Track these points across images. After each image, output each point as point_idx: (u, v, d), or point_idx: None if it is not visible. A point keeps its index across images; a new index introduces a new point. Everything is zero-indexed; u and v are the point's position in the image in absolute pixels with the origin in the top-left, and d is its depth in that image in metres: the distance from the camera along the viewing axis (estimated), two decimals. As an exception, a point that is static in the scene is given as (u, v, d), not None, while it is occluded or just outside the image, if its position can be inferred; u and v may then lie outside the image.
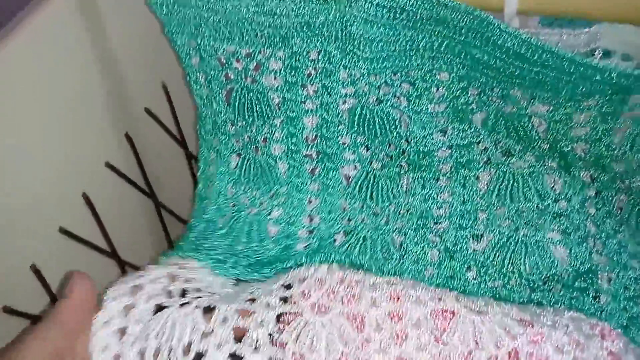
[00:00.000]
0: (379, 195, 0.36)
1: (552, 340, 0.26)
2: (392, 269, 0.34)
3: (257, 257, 0.35)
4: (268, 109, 0.35)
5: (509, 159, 0.34)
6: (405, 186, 0.36)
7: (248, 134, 0.37)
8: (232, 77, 0.35)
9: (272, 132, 0.36)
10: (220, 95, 0.36)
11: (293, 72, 0.34)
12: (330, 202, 0.36)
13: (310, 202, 0.37)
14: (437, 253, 0.34)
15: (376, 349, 0.28)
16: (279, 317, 0.29)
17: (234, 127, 0.37)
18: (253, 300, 0.30)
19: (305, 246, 0.36)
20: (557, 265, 0.33)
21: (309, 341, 0.28)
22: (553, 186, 0.34)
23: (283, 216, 0.37)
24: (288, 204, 0.37)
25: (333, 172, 0.36)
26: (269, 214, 0.37)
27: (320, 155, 0.36)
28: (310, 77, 0.34)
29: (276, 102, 0.35)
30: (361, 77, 0.33)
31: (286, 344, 0.28)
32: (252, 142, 0.37)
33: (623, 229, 0.33)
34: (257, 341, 0.28)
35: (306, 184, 0.37)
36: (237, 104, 0.36)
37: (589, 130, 0.32)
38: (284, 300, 0.30)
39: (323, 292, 0.30)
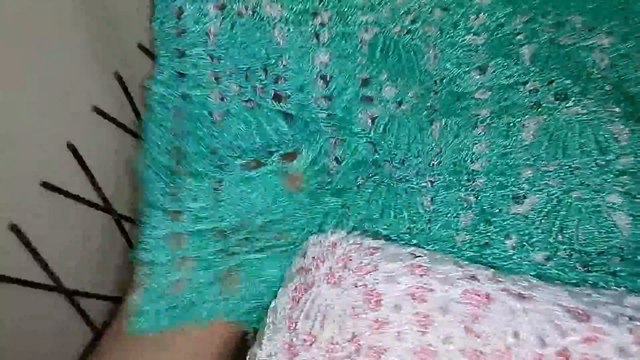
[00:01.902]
0: (406, 143, 0.33)
1: (612, 338, 0.21)
2: (418, 234, 0.31)
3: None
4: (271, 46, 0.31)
5: (564, 102, 0.30)
6: (436, 134, 0.32)
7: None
8: None
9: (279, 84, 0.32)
10: None
11: None
12: (354, 147, 0.33)
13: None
14: (471, 216, 0.31)
15: (393, 335, 0.24)
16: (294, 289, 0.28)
17: None
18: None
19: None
20: (617, 235, 0.29)
21: (320, 317, 0.26)
22: (617, 137, 0.30)
23: None
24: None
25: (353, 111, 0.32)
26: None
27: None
28: (323, 3, 0.30)
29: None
30: (383, 2, 0.29)
31: (297, 324, 0.26)
32: None
33: (701, 191, 0.29)
34: (273, 324, 0.27)
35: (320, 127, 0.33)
36: None
37: (665, 67, 0.29)
38: (299, 269, 0.28)
39: (336, 259, 0.27)
